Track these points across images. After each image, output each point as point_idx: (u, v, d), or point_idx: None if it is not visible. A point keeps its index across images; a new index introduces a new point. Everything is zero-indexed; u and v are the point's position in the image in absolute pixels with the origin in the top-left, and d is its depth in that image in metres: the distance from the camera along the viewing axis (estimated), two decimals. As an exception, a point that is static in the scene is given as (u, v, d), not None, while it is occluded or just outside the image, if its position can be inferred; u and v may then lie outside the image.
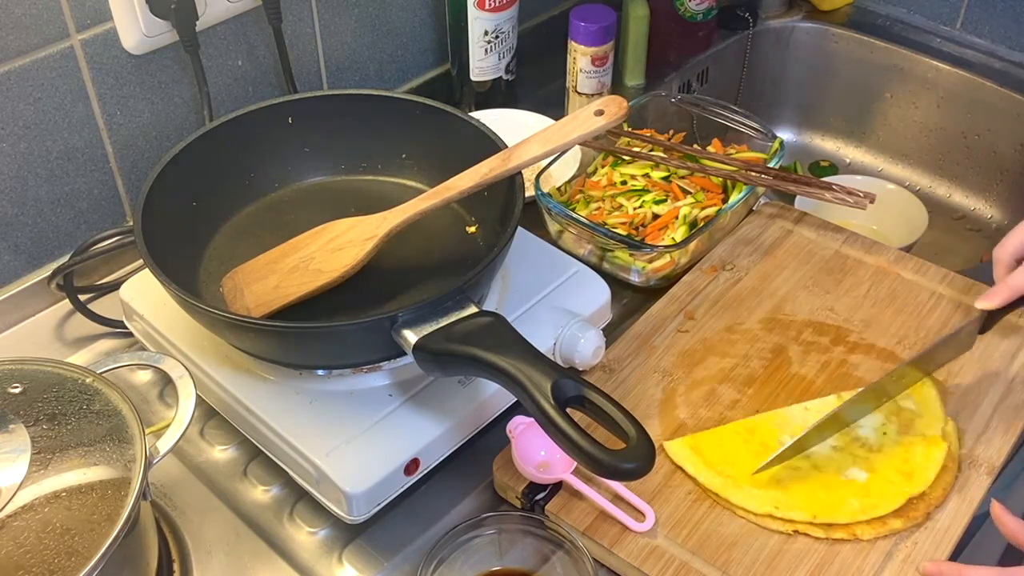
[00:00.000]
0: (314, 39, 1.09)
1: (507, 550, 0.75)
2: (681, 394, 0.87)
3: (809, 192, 1.02)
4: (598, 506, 0.77)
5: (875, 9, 1.44)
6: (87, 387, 0.70)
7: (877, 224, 1.20)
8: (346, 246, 0.81)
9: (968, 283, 0.96)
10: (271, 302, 0.81)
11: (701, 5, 1.32)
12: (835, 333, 0.92)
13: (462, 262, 0.86)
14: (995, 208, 1.35)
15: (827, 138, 1.49)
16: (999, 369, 0.88)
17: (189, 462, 0.84)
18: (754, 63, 1.45)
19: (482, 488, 0.82)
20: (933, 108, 1.36)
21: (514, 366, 0.67)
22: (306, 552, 0.78)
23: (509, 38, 1.18)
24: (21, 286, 0.95)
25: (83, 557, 0.61)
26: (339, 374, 0.80)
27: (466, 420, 0.80)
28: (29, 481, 0.64)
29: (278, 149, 0.93)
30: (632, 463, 0.63)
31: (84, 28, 0.90)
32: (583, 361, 0.85)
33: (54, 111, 0.91)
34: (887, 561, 0.74)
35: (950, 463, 0.79)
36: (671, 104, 1.12)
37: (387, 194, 0.93)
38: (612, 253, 0.98)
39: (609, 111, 0.77)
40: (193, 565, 0.77)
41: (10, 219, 0.93)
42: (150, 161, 1.00)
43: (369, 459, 0.75)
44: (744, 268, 0.99)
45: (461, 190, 0.79)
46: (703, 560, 0.74)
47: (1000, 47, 1.35)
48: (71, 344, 0.95)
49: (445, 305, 0.73)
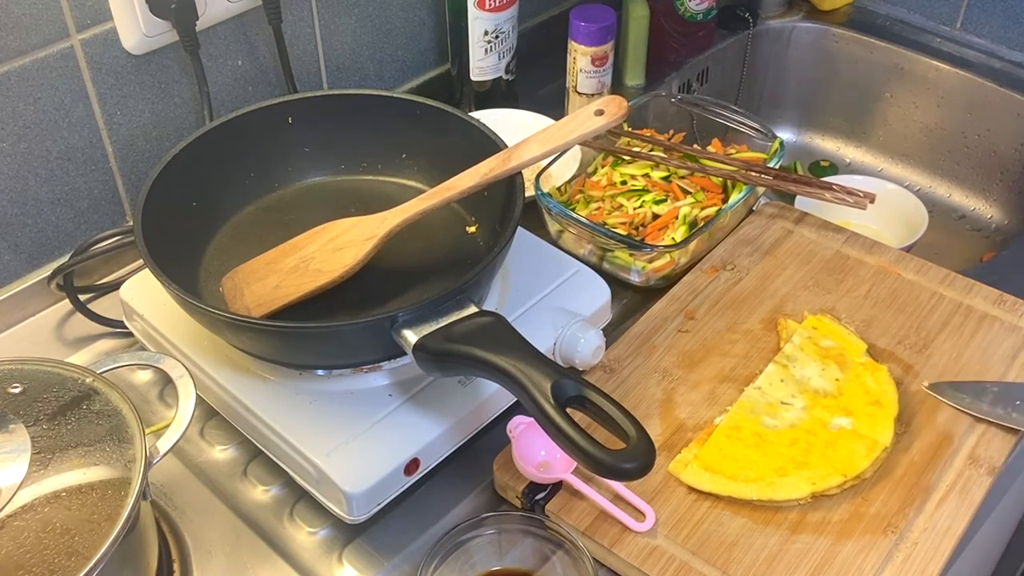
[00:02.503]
0: (314, 39, 1.09)
1: (507, 550, 0.75)
2: (681, 394, 0.87)
3: (809, 192, 1.02)
4: (598, 506, 0.77)
5: (875, 9, 1.44)
6: (87, 387, 0.70)
7: (877, 224, 1.20)
8: (346, 246, 0.81)
9: (968, 283, 0.96)
10: (271, 302, 0.81)
11: (701, 5, 1.32)
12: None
13: (462, 262, 0.86)
14: (995, 208, 1.35)
15: (827, 138, 1.49)
16: (999, 369, 0.88)
17: (189, 462, 0.84)
18: (754, 63, 1.45)
19: (482, 488, 0.82)
20: (933, 108, 1.36)
21: (514, 366, 0.67)
22: (306, 552, 0.78)
23: (509, 38, 1.18)
24: (21, 286, 0.95)
25: (83, 557, 0.61)
26: (339, 374, 0.80)
27: (466, 420, 0.80)
28: (29, 481, 0.64)
29: (278, 149, 0.93)
30: (632, 463, 0.63)
31: (84, 28, 0.90)
32: (583, 361, 0.85)
33: (54, 111, 0.91)
34: (887, 561, 0.74)
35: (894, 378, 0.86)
36: (671, 104, 1.12)
37: (387, 194, 0.93)
38: (612, 253, 0.98)
39: (609, 111, 0.77)
40: (193, 565, 0.77)
41: (10, 219, 0.93)
42: (150, 161, 1.00)
43: (369, 459, 0.75)
44: (745, 268, 0.99)
45: (461, 190, 0.79)
46: (703, 560, 0.74)
47: (1000, 47, 1.35)
48: (71, 344, 0.95)
49: (445, 305, 0.73)
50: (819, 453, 0.80)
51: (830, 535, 0.76)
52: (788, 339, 0.89)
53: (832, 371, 0.87)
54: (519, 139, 0.80)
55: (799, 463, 0.79)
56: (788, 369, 0.87)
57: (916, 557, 0.74)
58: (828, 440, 0.81)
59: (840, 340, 0.90)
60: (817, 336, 0.90)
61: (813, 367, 0.87)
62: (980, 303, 0.94)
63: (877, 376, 0.86)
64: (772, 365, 0.87)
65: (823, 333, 0.90)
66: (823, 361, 0.87)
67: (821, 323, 0.91)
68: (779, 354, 0.88)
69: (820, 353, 0.88)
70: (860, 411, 0.83)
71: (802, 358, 0.87)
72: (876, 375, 0.86)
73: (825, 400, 0.84)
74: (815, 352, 0.88)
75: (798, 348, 0.88)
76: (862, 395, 0.84)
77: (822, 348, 0.89)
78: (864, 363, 0.87)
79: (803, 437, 0.82)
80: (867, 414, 0.83)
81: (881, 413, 0.83)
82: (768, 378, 0.86)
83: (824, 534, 0.76)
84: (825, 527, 0.76)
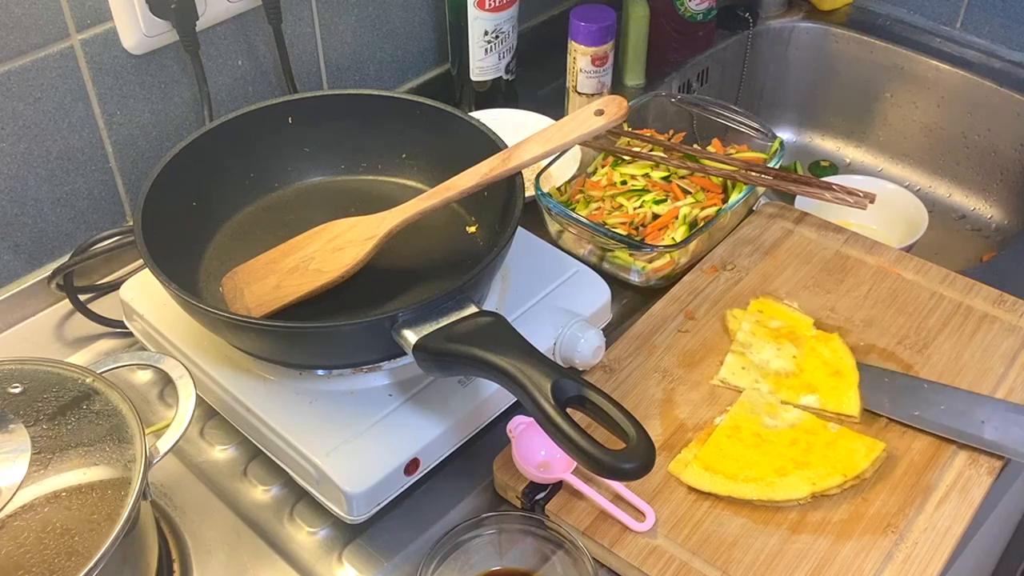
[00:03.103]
0: (314, 39, 1.09)
1: (507, 550, 0.75)
2: (681, 394, 0.87)
3: (809, 192, 1.02)
4: (598, 506, 0.77)
5: (875, 9, 1.44)
6: (87, 387, 0.70)
7: (877, 224, 1.20)
8: (346, 246, 0.81)
9: (968, 283, 0.96)
10: (271, 302, 0.81)
11: (701, 5, 1.32)
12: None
13: (462, 262, 0.86)
14: (995, 208, 1.35)
15: (827, 138, 1.49)
16: (999, 369, 0.88)
17: (189, 462, 0.84)
18: (754, 63, 1.45)
19: (482, 488, 0.82)
20: (933, 108, 1.36)
21: (514, 366, 0.67)
22: (306, 552, 0.78)
23: (509, 38, 1.18)
24: (21, 286, 0.95)
25: (83, 557, 0.61)
26: (339, 374, 0.80)
27: (466, 420, 0.80)
28: (29, 481, 0.64)
29: (278, 149, 0.93)
30: (632, 463, 0.63)
31: (84, 28, 0.90)
32: (583, 361, 0.85)
33: (54, 111, 0.91)
34: (887, 561, 0.74)
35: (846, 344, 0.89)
36: (671, 104, 1.12)
37: (387, 194, 0.93)
38: (612, 253, 0.98)
39: (609, 111, 0.77)
40: (193, 565, 0.77)
41: (10, 219, 0.93)
42: (150, 161, 1.00)
43: (369, 459, 0.75)
44: (745, 268, 0.99)
45: (461, 190, 0.79)
46: (703, 560, 0.74)
47: (1000, 47, 1.35)
48: (71, 344, 0.95)
49: (445, 305, 0.73)
50: (819, 453, 0.80)
51: (830, 535, 0.76)
52: (739, 328, 0.90)
53: (787, 349, 0.88)
54: (519, 139, 0.80)
55: (799, 463, 0.79)
56: (746, 356, 0.88)
57: (916, 557, 0.74)
58: (828, 440, 0.81)
59: (787, 319, 0.91)
60: (764, 319, 0.91)
61: (768, 349, 0.88)
62: (980, 303, 0.94)
63: (831, 345, 0.88)
64: (730, 355, 0.88)
65: (769, 315, 0.92)
66: (777, 341, 0.89)
67: (765, 305, 0.93)
68: (734, 343, 0.89)
69: (771, 334, 0.90)
70: (823, 384, 0.85)
71: (756, 343, 0.89)
72: (830, 344, 0.88)
73: (788, 380, 0.86)
74: (766, 334, 0.90)
75: (749, 334, 0.90)
76: (821, 367, 0.86)
77: (772, 329, 0.90)
78: (815, 335, 0.90)
79: (803, 437, 0.82)
80: (830, 387, 0.85)
81: (844, 384, 0.85)
82: (729, 368, 0.87)
83: (824, 534, 0.76)
84: (825, 527, 0.76)
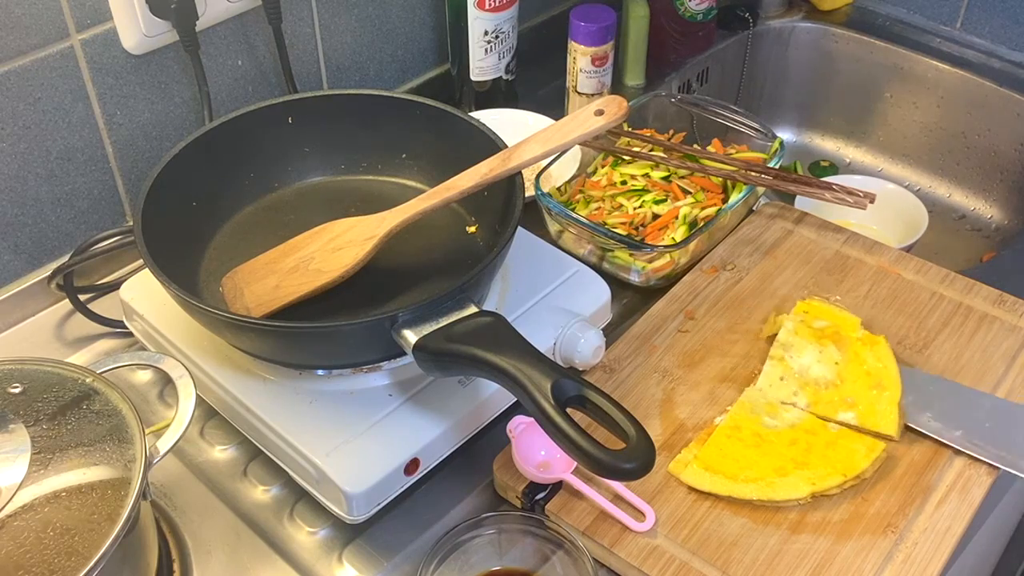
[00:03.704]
0: (314, 39, 1.09)
1: (507, 550, 0.75)
2: (681, 394, 0.87)
3: (809, 192, 1.02)
4: (598, 506, 0.77)
5: (875, 9, 1.44)
6: (87, 387, 0.70)
7: (877, 224, 1.20)
8: (346, 246, 0.81)
9: (968, 283, 0.96)
10: (271, 302, 0.81)
11: (701, 5, 1.32)
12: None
13: (462, 262, 0.86)
14: (995, 208, 1.35)
15: (827, 138, 1.49)
16: (999, 369, 0.88)
17: (189, 462, 0.84)
18: (754, 63, 1.45)
19: (482, 488, 0.82)
20: (933, 108, 1.36)
21: (514, 366, 0.67)
22: (306, 552, 0.78)
23: (509, 38, 1.18)
24: (21, 286, 0.95)
25: (83, 557, 0.61)
26: (339, 374, 0.80)
27: (466, 420, 0.80)
28: (29, 481, 0.64)
29: (278, 149, 0.93)
30: (632, 463, 0.63)
31: (84, 28, 0.90)
32: (583, 361, 0.85)
33: (54, 111, 0.91)
34: (887, 562, 0.74)
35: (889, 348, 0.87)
36: (671, 104, 1.12)
37: (387, 194, 0.93)
38: (612, 253, 0.98)
39: (609, 111, 0.77)
40: (193, 565, 0.77)
41: (10, 219, 0.93)
42: (150, 161, 1.00)
43: (369, 459, 0.75)
44: (744, 268, 0.99)
45: (461, 190, 0.79)
46: (703, 560, 0.74)
47: (1000, 47, 1.35)
48: (71, 344, 0.95)
49: (445, 305, 0.73)
50: (819, 453, 0.80)
51: (830, 535, 0.76)
52: (780, 329, 0.89)
53: (830, 352, 0.86)
54: (519, 139, 0.80)
55: (799, 463, 0.79)
56: (786, 362, 0.86)
57: (916, 557, 0.74)
58: (828, 440, 0.81)
59: (833, 319, 0.90)
60: (809, 319, 0.90)
61: (810, 351, 0.86)
62: (980, 303, 0.94)
63: (876, 350, 0.86)
64: (769, 362, 0.87)
65: (814, 315, 0.90)
66: (820, 343, 0.87)
67: (811, 306, 0.92)
68: (774, 345, 0.88)
69: (815, 335, 0.88)
70: (863, 398, 0.83)
71: (798, 343, 0.87)
72: (875, 349, 0.86)
73: (827, 393, 0.84)
74: (810, 335, 0.88)
75: (792, 333, 0.88)
76: (863, 378, 0.84)
77: (816, 329, 0.88)
78: (861, 337, 0.88)
79: (803, 437, 0.81)
80: (870, 402, 0.82)
81: (884, 400, 0.82)
82: (767, 378, 0.86)
83: (824, 534, 0.76)
84: (825, 527, 0.76)
